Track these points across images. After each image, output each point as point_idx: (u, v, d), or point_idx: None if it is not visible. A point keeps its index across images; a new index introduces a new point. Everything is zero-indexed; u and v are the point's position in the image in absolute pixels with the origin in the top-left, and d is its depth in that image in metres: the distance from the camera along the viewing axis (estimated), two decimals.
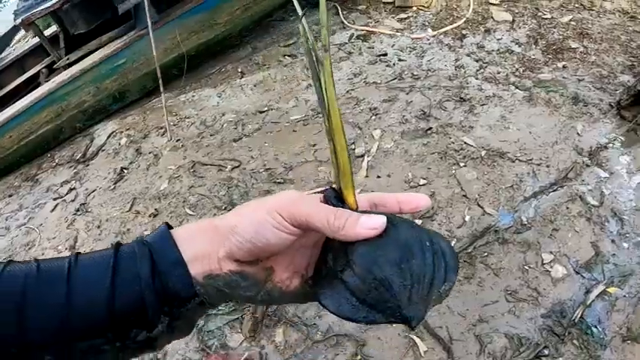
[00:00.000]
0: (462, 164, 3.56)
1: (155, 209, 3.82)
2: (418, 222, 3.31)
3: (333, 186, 0.69)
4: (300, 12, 0.69)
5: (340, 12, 5.55)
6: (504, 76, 4.47)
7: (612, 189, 3.45)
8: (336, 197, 0.66)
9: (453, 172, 3.52)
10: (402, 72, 4.56)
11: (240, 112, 4.47)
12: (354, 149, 3.85)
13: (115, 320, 0.61)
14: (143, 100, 5.16)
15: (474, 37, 4.95)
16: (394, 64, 4.69)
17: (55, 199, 4.45)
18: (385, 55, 4.81)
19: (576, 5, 5.35)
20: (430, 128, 3.89)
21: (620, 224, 3.27)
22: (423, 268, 0.60)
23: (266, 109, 4.42)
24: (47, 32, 5.93)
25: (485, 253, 3.11)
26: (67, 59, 5.20)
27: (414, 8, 5.40)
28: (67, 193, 4.45)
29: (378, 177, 3.58)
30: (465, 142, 3.70)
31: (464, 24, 5.10)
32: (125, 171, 4.33)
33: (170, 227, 0.67)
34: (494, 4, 5.34)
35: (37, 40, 5.41)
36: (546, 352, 2.77)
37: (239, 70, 5.09)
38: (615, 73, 4.60)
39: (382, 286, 0.58)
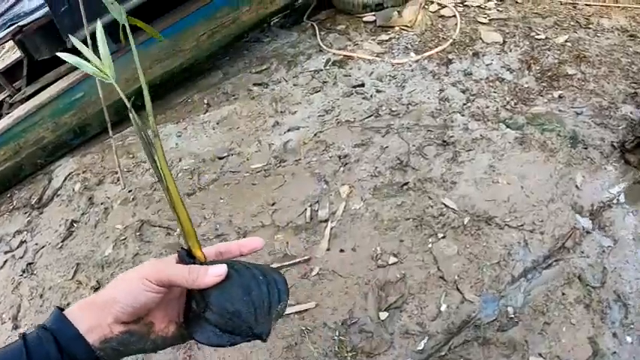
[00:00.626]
0: (440, 235, 2.85)
1: (97, 281, 3.19)
2: (384, 314, 2.62)
3: (184, 247, 0.82)
4: (128, 104, 0.83)
5: (318, 33, 4.80)
6: (494, 110, 3.72)
7: (616, 263, 2.74)
8: (187, 255, 0.80)
9: (430, 246, 2.82)
10: (380, 107, 3.83)
11: (199, 157, 3.79)
12: (317, 211, 3.15)
13: None
14: (105, 135, 4.46)
15: (460, 62, 4.19)
16: (371, 97, 3.96)
17: (5, 253, 3.82)
18: (362, 85, 4.07)
19: (572, 23, 4.57)
20: (406, 183, 3.18)
21: (624, 311, 2.58)
22: (261, 296, 0.76)
23: (226, 154, 3.73)
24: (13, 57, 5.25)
25: (462, 358, 2.40)
26: (24, 93, 4.52)
27: (397, 29, 4.65)
28: (17, 247, 3.82)
29: (342, 251, 2.89)
30: (446, 205, 2.99)
31: (450, 47, 4.34)
32: (75, 225, 3.68)
33: (61, 309, 0.75)
34: (483, 23, 4.56)
35: None
36: None
37: (205, 101, 4.39)
38: (616, 103, 3.84)
39: (235, 317, 0.74)
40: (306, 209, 3.22)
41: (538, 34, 4.50)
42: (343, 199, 3.21)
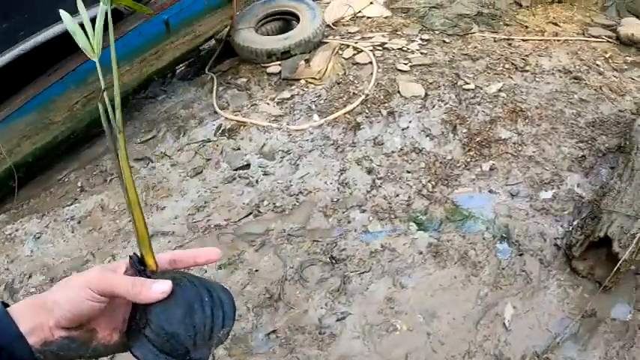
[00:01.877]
0: None
1: None
2: None
3: (136, 253, 0.68)
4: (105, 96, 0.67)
5: (215, 89, 3.56)
6: (405, 200, 2.52)
7: None
8: (139, 261, 0.67)
9: None
10: (262, 200, 2.63)
11: (50, 273, 2.70)
12: None
13: None
14: None
15: (371, 126, 2.99)
16: (257, 182, 2.77)
17: None
18: (247, 166, 2.85)
19: (506, 66, 3.34)
20: (274, 331, 1.97)
21: None
22: (203, 320, 0.62)
23: (75, 273, 2.48)
24: None
25: None
26: None
27: (303, 82, 3.39)
28: None
29: None
30: None
31: (361, 106, 3.11)
32: None
33: (6, 305, 0.63)
34: (403, 72, 3.34)
35: None
36: None
37: (79, 183, 3.19)
38: (561, 173, 2.66)
39: (172, 338, 0.61)
40: None
41: (467, 83, 3.26)
42: None
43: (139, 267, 0.66)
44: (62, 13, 0.72)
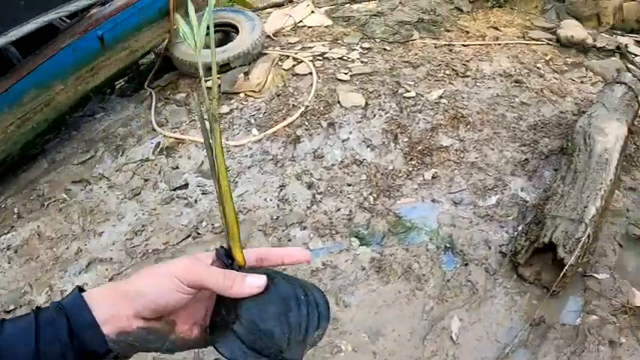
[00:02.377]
0: None
1: None
2: None
3: (224, 245, 0.64)
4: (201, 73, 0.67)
5: (153, 105, 3.39)
6: (346, 215, 2.42)
7: None
8: (226, 255, 0.63)
9: None
10: (201, 220, 2.51)
11: None
12: None
13: None
14: None
15: (310, 139, 2.89)
16: (196, 202, 2.63)
17: None
18: (186, 186, 2.70)
19: (447, 72, 3.28)
20: None
21: None
22: (299, 319, 0.59)
23: (13, 306, 2.41)
24: None
25: None
26: None
27: (242, 95, 3.26)
28: None
29: None
30: None
31: (300, 118, 3.01)
32: None
33: (82, 290, 0.60)
34: (343, 81, 3.25)
35: None
36: None
37: (16, 209, 3.00)
38: (504, 177, 2.61)
39: (265, 336, 0.58)
40: None
41: (408, 91, 3.20)
42: None
43: (227, 261, 0.62)
44: (176, 16, 0.72)
